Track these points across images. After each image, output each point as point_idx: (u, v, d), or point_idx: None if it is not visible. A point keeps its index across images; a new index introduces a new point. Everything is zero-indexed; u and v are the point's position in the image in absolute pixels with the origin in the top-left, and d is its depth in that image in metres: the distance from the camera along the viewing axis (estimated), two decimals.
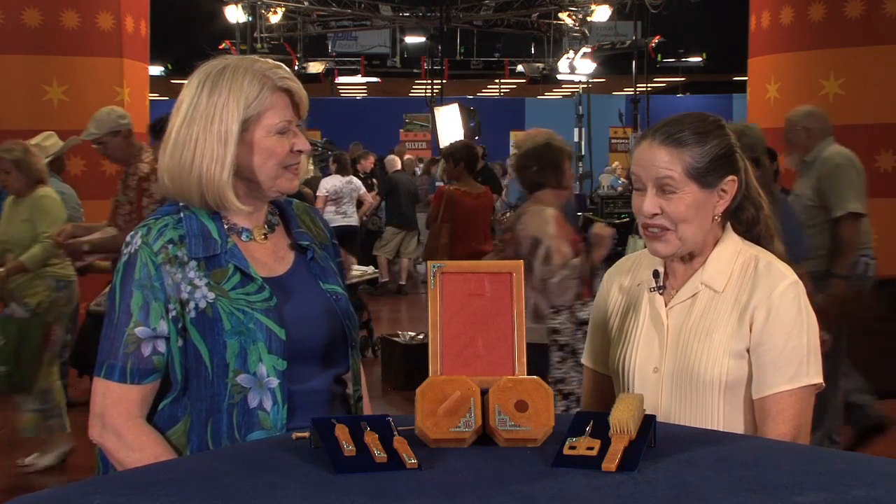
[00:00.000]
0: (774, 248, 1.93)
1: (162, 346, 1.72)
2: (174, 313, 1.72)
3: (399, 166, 12.18)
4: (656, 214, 1.83)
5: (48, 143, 6.13)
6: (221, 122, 1.74)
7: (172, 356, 1.73)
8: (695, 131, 1.83)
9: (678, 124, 1.84)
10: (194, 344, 1.73)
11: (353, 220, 11.07)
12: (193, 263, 1.74)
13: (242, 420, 1.72)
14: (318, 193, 10.76)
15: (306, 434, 1.53)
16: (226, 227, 1.80)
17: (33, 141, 6.12)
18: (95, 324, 6.00)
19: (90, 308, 6.33)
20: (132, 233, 1.77)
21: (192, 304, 1.72)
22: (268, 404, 1.72)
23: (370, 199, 11.93)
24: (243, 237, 1.82)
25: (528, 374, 1.52)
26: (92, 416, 1.74)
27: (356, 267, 7.98)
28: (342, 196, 11.00)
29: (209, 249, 1.76)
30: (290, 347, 1.74)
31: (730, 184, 1.85)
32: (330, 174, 11.35)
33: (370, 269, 8.49)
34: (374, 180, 12.50)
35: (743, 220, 1.93)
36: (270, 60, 1.84)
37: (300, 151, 1.82)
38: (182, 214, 1.78)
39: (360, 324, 7.61)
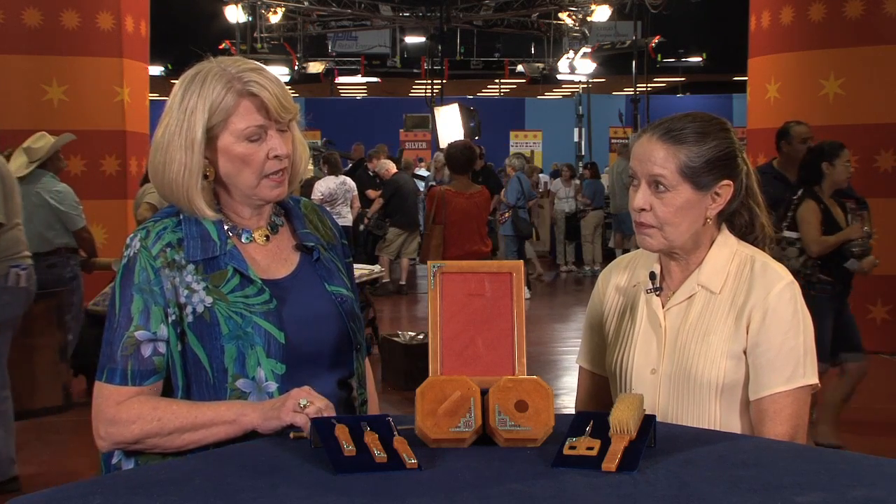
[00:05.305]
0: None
1: (162, 348, 1.70)
2: (173, 317, 1.70)
3: (393, 170, 12.19)
4: (644, 210, 1.83)
5: (38, 144, 6.13)
6: (189, 128, 1.71)
7: (174, 361, 1.72)
8: (695, 130, 1.82)
9: (680, 121, 1.84)
10: (192, 349, 1.71)
11: (347, 220, 11.12)
12: (191, 267, 1.72)
13: None
14: (312, 196, 10.77)
15: (304, 434, 1.54)
16: (226, 228, 1.78)
17: (25, 143, 6.13)
18: (93, 323, 6.01)
19: (88, 308, 6.33)
20: (132, 235, 1.76)
21: (189, 309, 1.70)
22: None
23: (376, 196, 11.97)
24: (244, 239, 1.80)
25: None
26: (94, 423, 1.71)
27: (363, 266, 7.99)
28: (336, 197, 11.06)
29: (208, 252, 1.74)
30: (290, 351, 1.72)
31: (725, 188, 1.84)
32: (323, 175, 11.37)
33: (377, 267, 8.49)
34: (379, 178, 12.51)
35: (737, 226, 1.92)
36: (250, 63, 1.77)
37: (277, 156, 1.73)
38: (182, 216, 1.76)
39: (365, 322, 7.63)
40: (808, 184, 4.94)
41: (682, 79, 25.06)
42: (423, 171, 16.38)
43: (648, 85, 20.10)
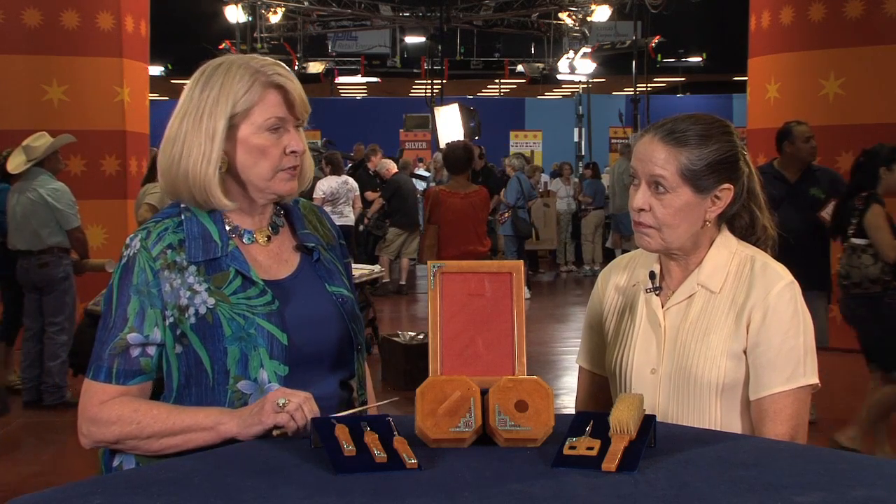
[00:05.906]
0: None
1: (151, 351, 1.70)
2: (171, 320, 1.70)
3: (394, 170, 12.20)
4: (643, 210, 1.82)
5: (37, 143, 6.14)
6: (210, 118, 1.72)
7: (169, 363, 1.71)
8: (697, 133, 1.81)
9: (682, 123, 1.83)
10: (195, 350, 1.70)
11: (349, 219, 11.13)
12: (193, 268, 1.71)
13: None
14: (314, 196, 10.77)
15: (286, 430, 1.54)
16: (227, 229, 1.77)
17: (25, 142, 6.14)
18: (93, 323, 6.00)
19: (88, 308, 6.32)
20: (132, 235, 1.75)
21: (191, 310, 1.69)
22: None
23: (375, 198, 11.97)
24: (245, 239, 1.79)
25: None
26: (78, 420, 1.71)
27: (363, 266, 8.00)
28: (339, 197, 11.07)
29: (209, 253, 1.73)
30: (293, 352, 1.71)
31: (725, 191, 1.84)
32: (325, 175, 11.37)
33: (377, 267, 8.49)
34: (380, 178, 12.52)
35: (737, 227, 1.92)
36: (270, 59, 1.80)
37: (294, 152, 1.76)
38: (183, 217, 1.76)
39: (365, 322, 7.63)
40: (861, 188, 4.85)
41: (682, 79, 25.05)
42: (423, 172, 16.38)
43: (648, 85, 20.10)
